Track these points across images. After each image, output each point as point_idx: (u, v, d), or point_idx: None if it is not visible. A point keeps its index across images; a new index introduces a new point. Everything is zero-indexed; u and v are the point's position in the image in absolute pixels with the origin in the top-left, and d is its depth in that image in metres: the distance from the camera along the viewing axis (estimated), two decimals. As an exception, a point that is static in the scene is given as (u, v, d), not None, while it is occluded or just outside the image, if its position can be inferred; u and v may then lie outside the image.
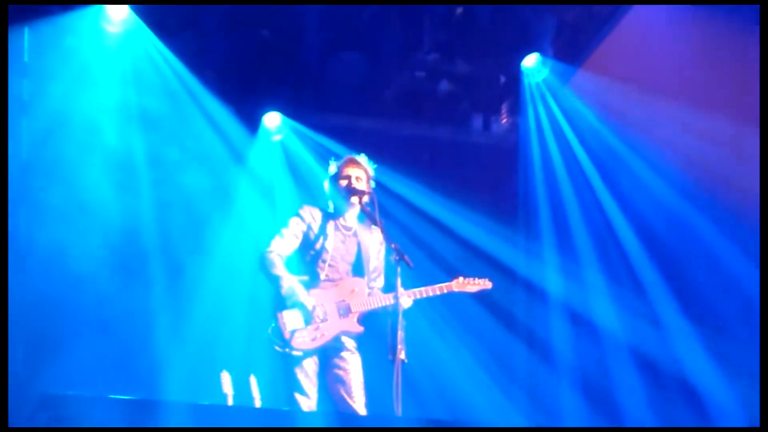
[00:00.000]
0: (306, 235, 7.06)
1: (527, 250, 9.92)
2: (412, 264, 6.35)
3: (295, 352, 6.84)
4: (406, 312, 6.59)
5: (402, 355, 6.17)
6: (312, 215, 7.10)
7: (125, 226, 8.95)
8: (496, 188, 10.10)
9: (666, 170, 9.17)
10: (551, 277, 9.78)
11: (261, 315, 7.86)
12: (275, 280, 6.86)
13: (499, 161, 10.16)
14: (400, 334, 6.21)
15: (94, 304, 8.67)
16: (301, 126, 9.75)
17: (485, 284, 7.25)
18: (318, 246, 7.02)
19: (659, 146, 9.18)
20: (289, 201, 8.93)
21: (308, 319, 6.82)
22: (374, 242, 7.05)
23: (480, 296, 8.28)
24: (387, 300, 6.85)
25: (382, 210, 6.77)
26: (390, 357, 6.21)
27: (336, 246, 7.03)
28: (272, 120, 9.85)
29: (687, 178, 8.98)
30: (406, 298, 6.76)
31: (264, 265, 6.91)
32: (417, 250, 8.52)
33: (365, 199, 7.00)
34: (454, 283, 7.09)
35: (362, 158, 7.17)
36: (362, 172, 7.09)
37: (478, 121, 10.17)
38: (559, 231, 9.86)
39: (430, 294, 6.96)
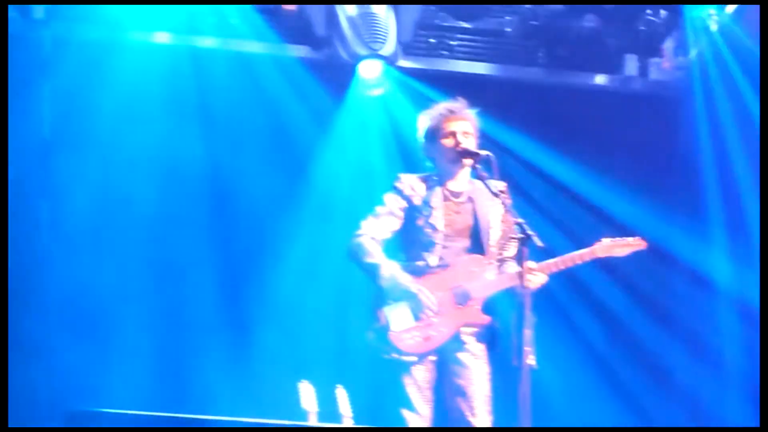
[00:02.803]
0: (408, 213, 6.30)
1: (689, 229, 8.90)
2: (541, 243, 5.71)
3: (406, 358, 6.16)
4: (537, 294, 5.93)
5: (530, 360, 5.54)
6: (412, 187, 6.33)
7: (171, 212, 8.24)
8: (650, 150, 9.06)
9: None
10: (720, 265, 8.84)
11: (351, 311, 7.71)
12: (372, 270, 6.17)
13: (656, 116, 9.04)
14: (528, 333, 5.52)
15: (134, 301, 8.11)
16: (407, 77, 8.52)
17: (638, 244, 6.48)
18: (425, 225, 6.27)
19: None
20: (393, 177, 7.25)
21: (418, 313, 6.14)
22: (495, 205, 6.30)
23: (629, 288, 8.52)
24: (515, 280, 6.05)
25: (503, 175, 6.10)
26: (515, 362, 5.59)
27: (449, 221, 6.29)
28: (370, 69, 8.41)
29: None
30: (540, 275, 6.08)
31: (355, 253, 6.22)
32: (545, 225, 7.89)
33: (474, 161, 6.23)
34: (597, 246, 6.36)
35: (462, 106, 6.35)
36: (468, 124, 6.30)
37: (632, 64, 9.08)
38: (730, 207, 8.85)
39: (569, 264, 6.28)
